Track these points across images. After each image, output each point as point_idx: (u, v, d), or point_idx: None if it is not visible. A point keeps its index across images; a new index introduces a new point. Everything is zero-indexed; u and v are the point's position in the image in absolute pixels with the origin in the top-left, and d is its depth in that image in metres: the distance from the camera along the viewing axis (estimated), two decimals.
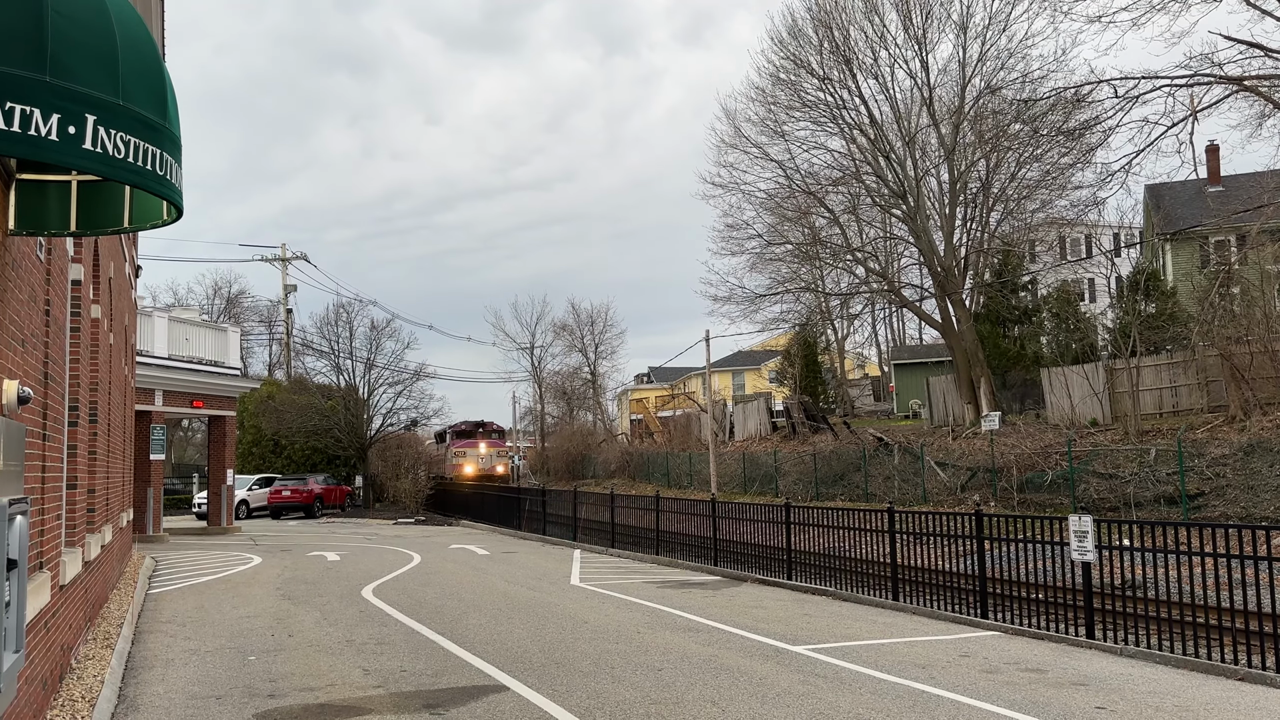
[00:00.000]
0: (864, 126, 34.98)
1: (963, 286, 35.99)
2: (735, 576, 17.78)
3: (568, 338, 71.93)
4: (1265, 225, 24.96)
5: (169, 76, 5.02)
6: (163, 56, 11.78)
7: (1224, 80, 23.60)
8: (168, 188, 4.79)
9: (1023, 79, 31.86)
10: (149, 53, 4.73)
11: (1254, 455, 22.24)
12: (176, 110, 5.03)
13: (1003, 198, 35.18)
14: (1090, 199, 30.70)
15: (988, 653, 10.45)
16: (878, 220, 40.06)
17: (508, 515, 32.62)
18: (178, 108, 5.06)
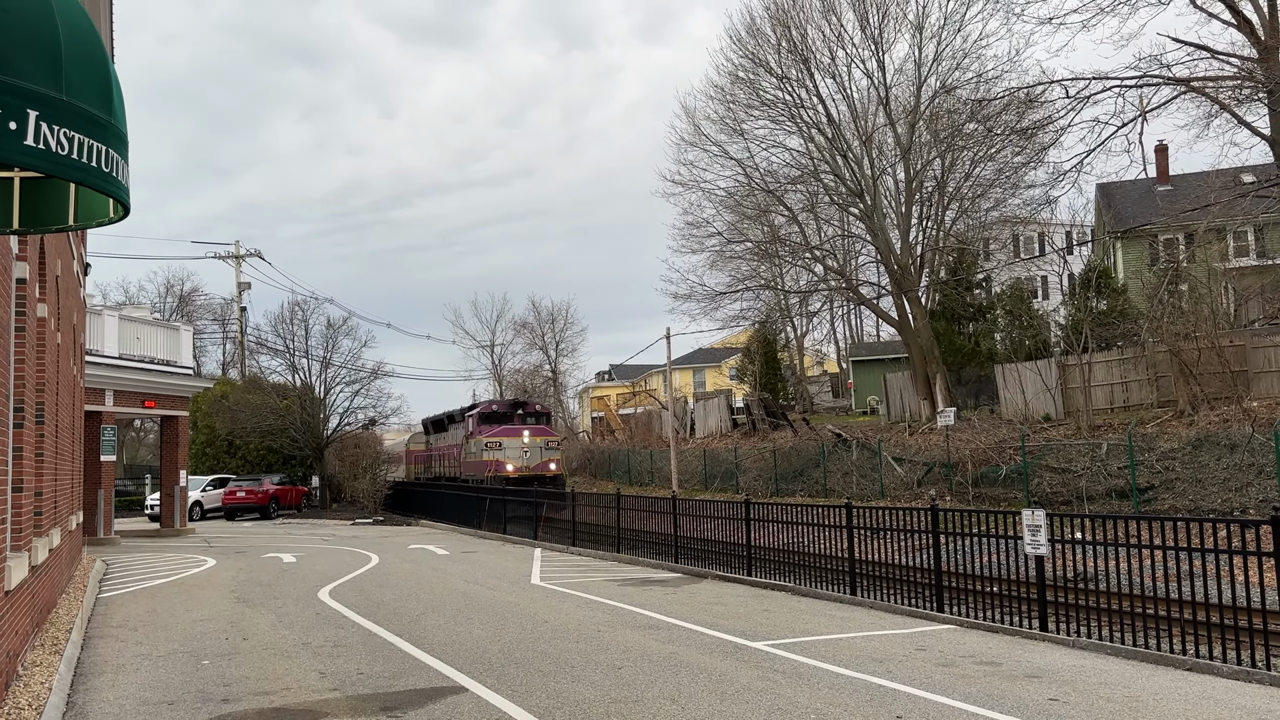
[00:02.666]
0: (822, 125, 35.23)
1: (919, 284, 36.40)
2: (696, 573, 17.83)
3: (528, 335, 71.74)
4: (1212, 224, 25.55)
5: (115, 71, 4.91)
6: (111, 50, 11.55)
7: (1172, 81, 24.12)
8: (114, 185, 4.69)
9: (977, 79, 32.32)
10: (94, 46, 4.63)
11: (1202, 449, 22.76)
12: (123, 105, 4.93)
13: (958, 196, 35.64)
14: (1043, 198, 31.24)
15: (944, 646, 10.58)
16: (836, 219, 40.36)
17: (468, 514, 32.43)
18: (124, 102, 4.96)
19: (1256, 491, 20.59)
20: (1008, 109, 27.50)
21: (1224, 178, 26.38)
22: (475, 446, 36.72)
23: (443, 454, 42.87)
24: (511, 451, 35.41)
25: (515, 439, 35.82)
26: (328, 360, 48.38)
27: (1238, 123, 24.70)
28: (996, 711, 7.69)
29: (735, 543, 17.66)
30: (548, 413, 39.52)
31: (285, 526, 36.75)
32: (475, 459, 36.76)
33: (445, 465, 42.26)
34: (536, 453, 35.80)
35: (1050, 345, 34.91)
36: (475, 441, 36.90)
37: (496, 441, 35.51)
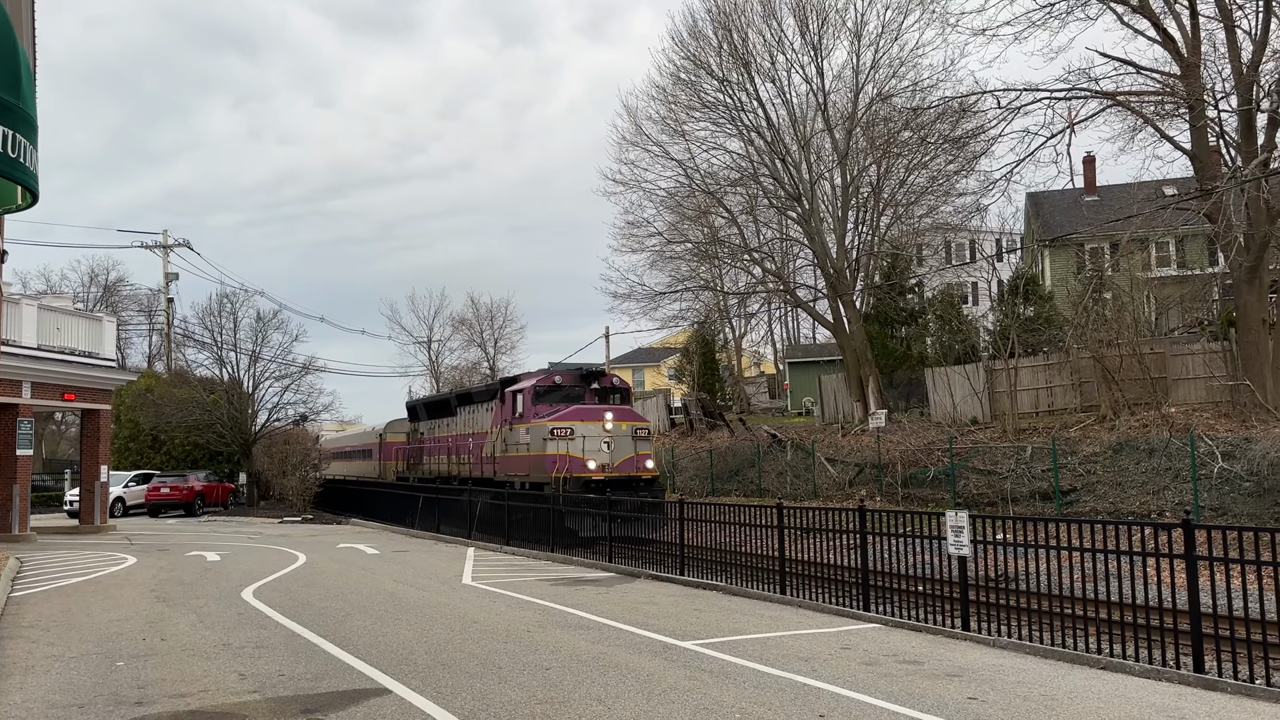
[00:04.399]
0: (762, 129, 35.54)
1: (854, 288, 36.95)
2: (629, 573, 17.84)
3: (466, 332, 71.06)
4: (1135, 235, 26.33)
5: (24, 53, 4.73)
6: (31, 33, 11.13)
7: (1099, 95, 24.83)
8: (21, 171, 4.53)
9: (913, 87, 32.86)
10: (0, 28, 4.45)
11: (1122, 453, 23.47)
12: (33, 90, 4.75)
13: (892, 202, 36.24)
14: (974, 205, 31.94)
15: (868, 645, 10.75)
16: (774, 221, 40.74)
17: (401, 513, 32.01)
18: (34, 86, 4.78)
19: (1173, 495, 21.30)
20: (942, 118, 28.05)
21: (1147, 189, 27.23)
22: (530, 435, 25.37)
23: (446, 446, 32.61)
24: (591, 442, 24.27)
25: (594, 424, 24.56)
26: (257, 354, 47.34)
27: (1161, 137, 25.53)
28: (917, 710, 7.83)
29: (669, 542, 17.72)
30: (627, 387, 28.01)
31: (211, 524, 35.89)
32: (525, 453, 25.63)
33: (451, 461, 32.09)
34: (626, 443, 24.65)
35: (979, 350, 35.70)
36: (530, 429, 25.42)
37: (566, 428, 24.35)
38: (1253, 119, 23.69)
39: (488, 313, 70.64)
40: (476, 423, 30.22)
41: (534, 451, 25.22)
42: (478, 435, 29.77)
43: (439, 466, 33.47)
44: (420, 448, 36.08)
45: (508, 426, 26.98)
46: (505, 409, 27.28)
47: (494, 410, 28.42)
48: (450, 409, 32.90)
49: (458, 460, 31.61)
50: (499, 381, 29.78)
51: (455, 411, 32.23)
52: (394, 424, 42.61)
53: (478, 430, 29.90)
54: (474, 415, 30.53)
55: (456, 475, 31.36)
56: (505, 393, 27.53)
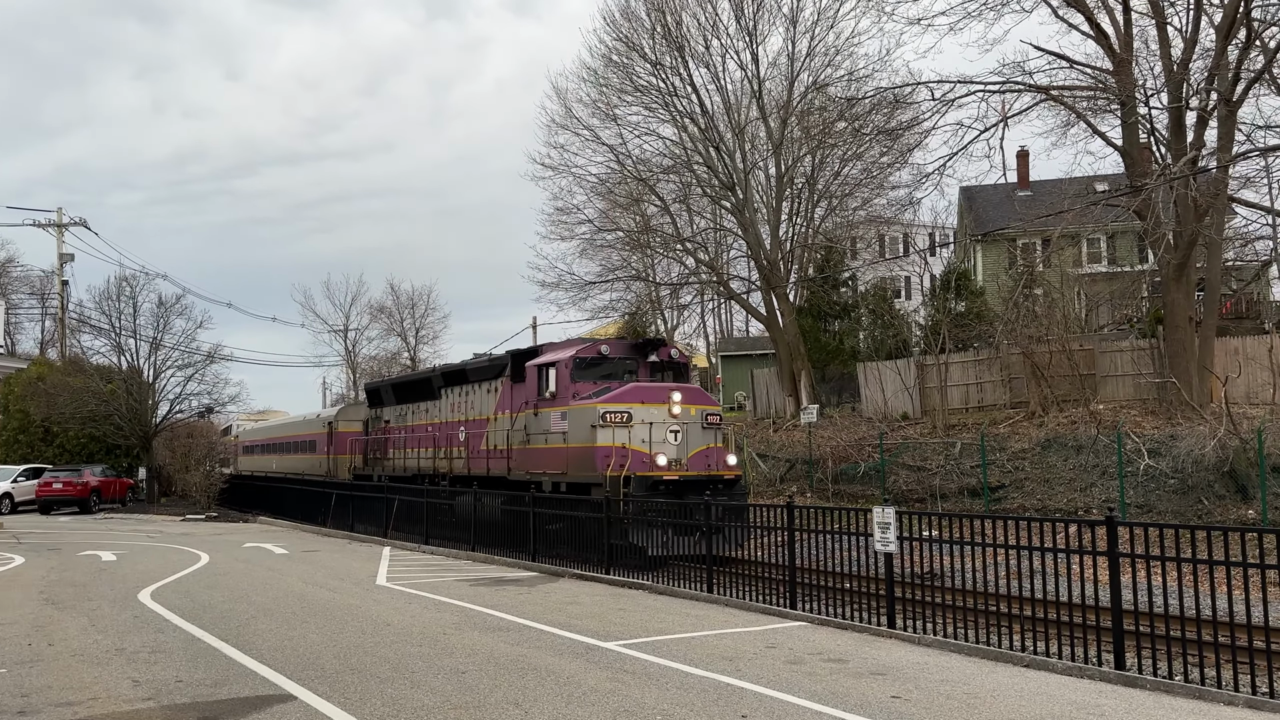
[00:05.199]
0: (695, 115, 35.67)
1: (787, 281, 37.38)
2: (553, 572, 17.80)
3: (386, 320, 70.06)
4: (1066, 230, 27.10)
5: None
6: None
7: (1033, 89, 25.46)
8: None
9: (849, 77, 33.32)
10: None
11: (1050, 450, 24.19)
12: None
13: (827, 194, 36.73)
14: (907, 199, 32.49)
15: (793, 644, 10.89)
16: (708, 211, 40.95)
17: (312, 511, 31.43)
18: None
19: (1100, 492, 22.02)
20: (877, 109, 28.48)
21: (1078, 185, 28.06)
22: (570, 422, 20.39)
23: (425, 437, 27.69)
24: (656, 431, 19.37)
25: (658, 407, 19.68)
26: (159, 342, 45.94)
27: (1093, 132, 26.32)
28: (840, 710, 7.96)
29: (594, 540, 17.71)
30: (687, 362, 23.43)
31: (107, 522, 34.79)
32: (561, 444, 20.53)
33: (433, 456, 26.97)
34: (697, 433, 19.99)
35: (911, 345, 36.42)
36: (570, 414, 20.48)
37: (622, 413, 19.44)
38: (1183, 116, 24.55)
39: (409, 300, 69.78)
40: (471, 407, 25.15)
41: (575, 443, 19.97)
42: (473, 423, 24.76)
43: (415, 462, 28.19)
44: (385, 439, 30.91)
45: (530, 411, 21.60)
46: (525, 389, 22.01)
47: (501, 391, 23.35)
48: (430, 391, 27.86)
49: (443, 454, 26.33)
50: (507, 356, 23.73)
51: (439, 394, 27.22)
52: (348, 410, 38.14)
53: (473, 417, 24.89)
54: (467, 398, 25.47)
55: (442, 472, 26.10)
56: (526, 368, 22.10)
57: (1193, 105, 24.56)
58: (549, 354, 22.12)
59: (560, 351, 21.76)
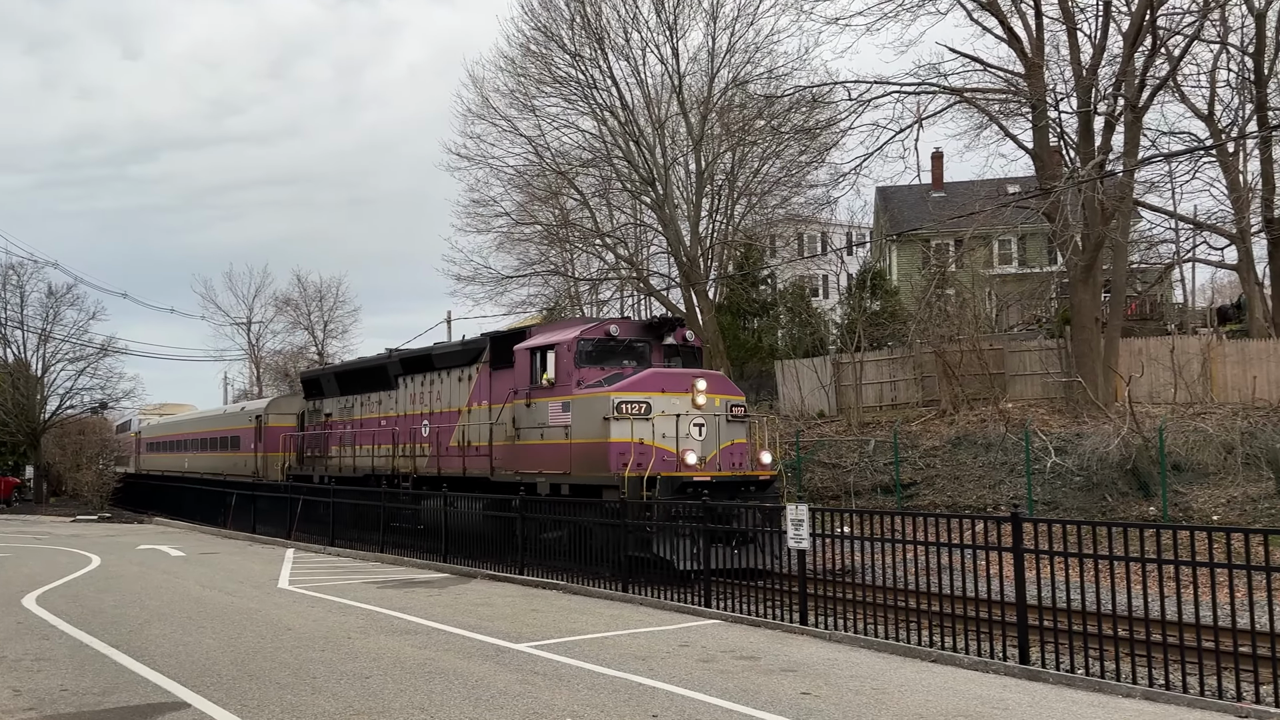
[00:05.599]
0: (615, 109, 35.65)
1: (707, 278, 37.64)
2: (465, 573, 17.63)
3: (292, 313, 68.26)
4: (977, 231, 27.86)
5: None
6: None
7: (947, 91, 26.11)
8: None
9: (769, 75, 33.68)
10: None
11: (960, 447, 24.86)
12: None
13: (747, 191, 37.07)
14: (825, 198, 33.02)
15: (706, 642, 10.98)
16: (628, 206, 41.00)
17: (212, 511, 30.59)
18: None
19: (1008, 489, 22.72)
20: (795, 108, 28.87)
21: (989, 187, 28.86)
22: (575, 413, 17.98)
23: (379, 432, 25.03)
24: (680, 424, 17.17)
25: (680, 397, 17.46)
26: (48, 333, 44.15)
27: (1004, 135, 27.11)
28: (750, 707, 8.05)
29: (508, 539, 17.60)
30: (700, 347, 21.44)
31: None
32: (562, 439, 18.19)
33: (389, 453, 24.33)
34: (722, 427, 17.79)
35: (827, 343, 37.04)
36: (575, 404, 17.99)
37: (640, 403, 17.21)
38: (1091, 121, 25.42)
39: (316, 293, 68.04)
40: (437, 398, 22.75)
41: (581, 438, 17.63)
42: (440, 416, 22.37)
43: (367, 460, 25.34)
44: (327, 434, 28.00)
45: (520, 401, 19.17)
46: (513, 376, 19.53)
47: (476, 379, 21.10)
48: (385, 380, 25.21)
49: (404, 451, 23.60)
50: (485, 339, 21.64)
51: (395, 383, 24.65)
52: (280, 403, 34.77)
53: (440, 409, 22.51)
54: (432, 388, 23.02)
55: (403, 472, 23.22)
56: (516, 352, 19.54)
57: (1101, 110, 25.46)
58: (543, 335, 19.60)
59: (558, 332, 19.43)
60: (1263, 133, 26.88)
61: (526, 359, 19.28)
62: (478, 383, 21.15)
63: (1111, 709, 8.24)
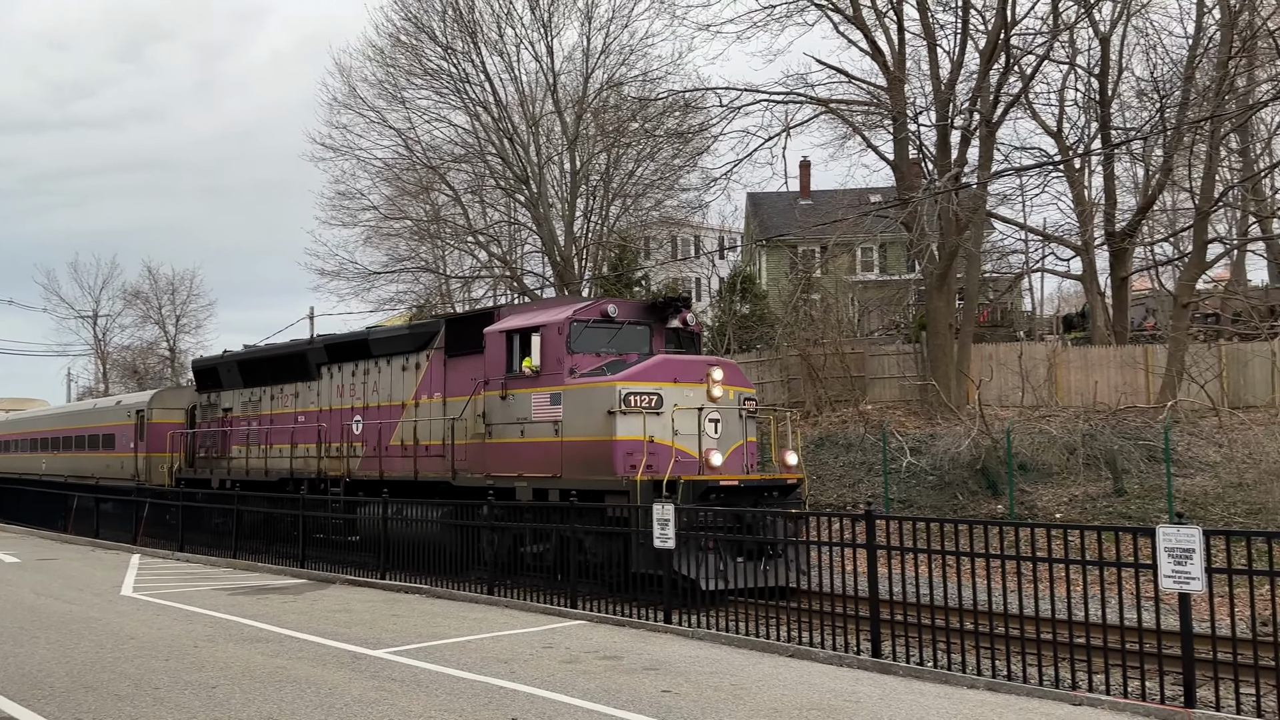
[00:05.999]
0: (489, 104, 35.32)
1: (581, 278, 37.65)
2: (323, 579, 17.16)
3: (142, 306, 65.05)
4: (840, 239, 28.73)
5: None
6: None
7: (814, 101, 26.89)
8: None
9: (643, 77, 33.96)
10: None
11: (823, 448, 25.59)
12: None
13: (622, 193, 37.29)
14: (697, 201, 33.54)
15: (571, 643, 11.00)
16: (501, 203, 40.65)
17: (50, 515, 28.91)
18: None
19: (867, 488, 23.51)
20: (669, 111, 29.21)
21: (853, 196, 29.81)
22: (569, 406, 15.52)
23: (298, 430, 22.03)
24: (693, 420, 14.98)
25: (694, 388, 15.33)
26: None
27: (867, 145, 28.06)
28: (611, 707, 8.10)
29: (370, 542, 17.22)
30: (701, 332, 19.65)
31: None
32: (550, 437, 15.73)
33: (311, 454, 21.39)
34: (737, 425, 15.87)
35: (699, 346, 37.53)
36: (569, 395, 15.55)
37: (651, 394, 14.97)
38: (948, 135, 26.55)
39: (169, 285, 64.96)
40: (374, 390, 19.99)
41: (576, 435, 15.25)
42: (379, 411, 19.65)
43: (281, 462, 22.17)
44: (227, 432, 24.73)
45: (494, 393, 16.51)
46: (482, 364, 16.92)
47: (428, 368, 18.57)
48: (303, 369, 22.08)
49: (333, 451, 20.61)
50: (439, 321, 19.65)
51: (317, 373, 21.65)
52: (166, 396, 30.44)
53: (378, 403, 19.82)
54: (367, 378, 20.18)
55: (332, 476, 20.31)
56: (488, 335, 16.87)
57: (957, 125, 26.63)
58: (520, 316, 17.16)
59: (542, 312, 17.07)
60: (1106, 150, 28.60)
61: (501, 344, 16.54)
62: (428, 372, 18.54)
63: (957, 700, 8.62)
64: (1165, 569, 8.24)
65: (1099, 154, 28.97)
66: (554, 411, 15.67)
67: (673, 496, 13.53)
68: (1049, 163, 28.44)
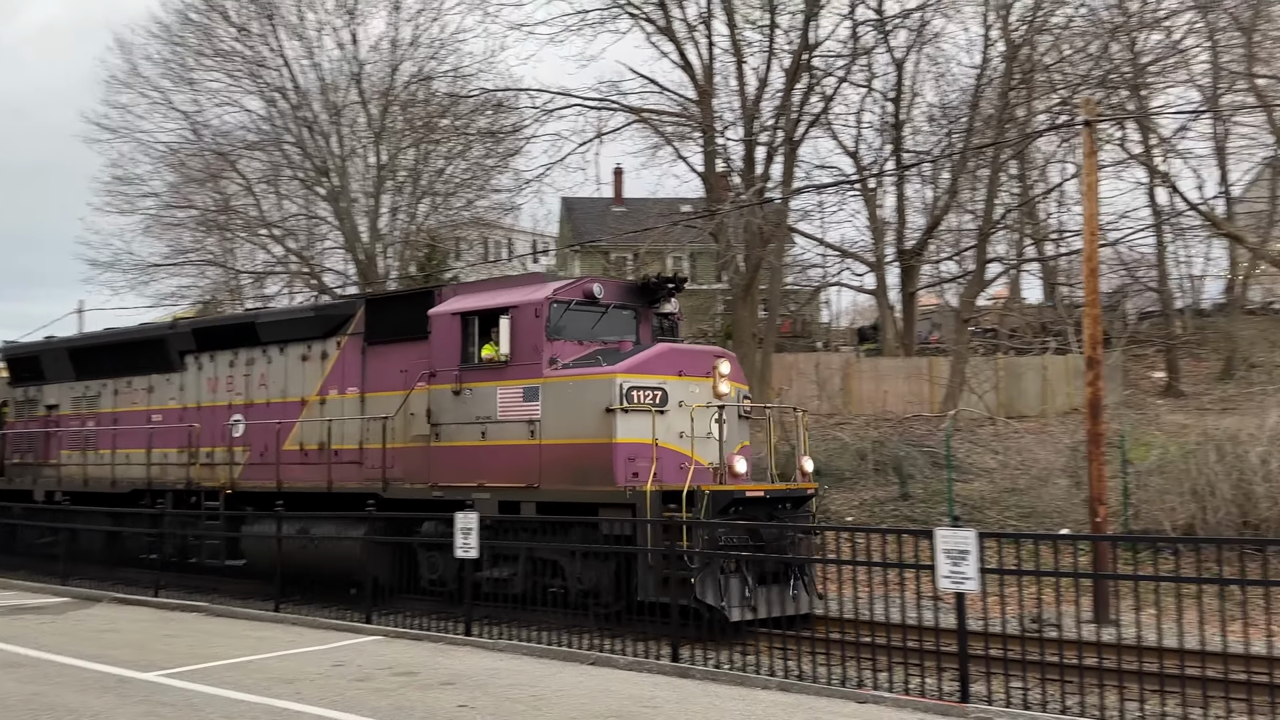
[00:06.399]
0: (287, 91, 33.82)
1: (386, 278, 36.59)
2: (89, 596, 15.88)
3: None
4: (651, 247, 29.21)
5: None
6: None
7: (627, 109, 27.19)
8: None
9: (454, 73, 33.38)
10: None
11: None
12: None
13: (431, 190, 36.50)
14: (509, 203, 33.29)
15: (364, 660, 10.60)
16: (300, 195, 38.95)
17: None
18: None
19: None
20: (481, 110, 28.86)
21: (663, 205, 30.37)
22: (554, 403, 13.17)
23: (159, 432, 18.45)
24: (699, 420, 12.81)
25: (699, 383, 13.22)
26: None
27: (678, 156, 28.63)
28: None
29: (145, 556, 16.07)
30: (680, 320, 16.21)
31: None
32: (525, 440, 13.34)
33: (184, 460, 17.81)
34: (734, 425, 13.99)
35: None
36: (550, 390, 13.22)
37: (655, 389, 12.97)
38: (753, 150, 27.46)
39: None
40: (262, 383, 17.11)
41: (562, 436, 12.96)
42: (267, 409, 16.80)
43: (134, 470, 18.39)
44: (51, 433, 20.88)
45: (447, 387, 14.00)
46: (428, 352, 14.34)
47: (338, 358, 15.92)
48: (163, 358, 18.82)
49: (204, 458, 17.49)
50: (354, 302, 17.00)
51: (181, 363, 18.48)
52: None
53: (266, 399, 16.96)
54: (253, 369, 17.31)
55: (205, 487, 17.02)
56: (435, 318, 14.35)
57: (762, 141, 27.59)
58: (477, 296, 14.59)
59: (507, 291, 14.48)
60: (898, 171, 30.33)
61: (454, 329, 14.04)
62: (339, 362, 15.89)
63: (751, 700, 8.85)
64: (943, 569, 8.74)
65: (891, 175, 30.68)
66: (529, 409, 13.26)
67: (694, 511, 11.67)
68: (846, 181, 29.87)
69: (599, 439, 12.61)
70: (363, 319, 15.59)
